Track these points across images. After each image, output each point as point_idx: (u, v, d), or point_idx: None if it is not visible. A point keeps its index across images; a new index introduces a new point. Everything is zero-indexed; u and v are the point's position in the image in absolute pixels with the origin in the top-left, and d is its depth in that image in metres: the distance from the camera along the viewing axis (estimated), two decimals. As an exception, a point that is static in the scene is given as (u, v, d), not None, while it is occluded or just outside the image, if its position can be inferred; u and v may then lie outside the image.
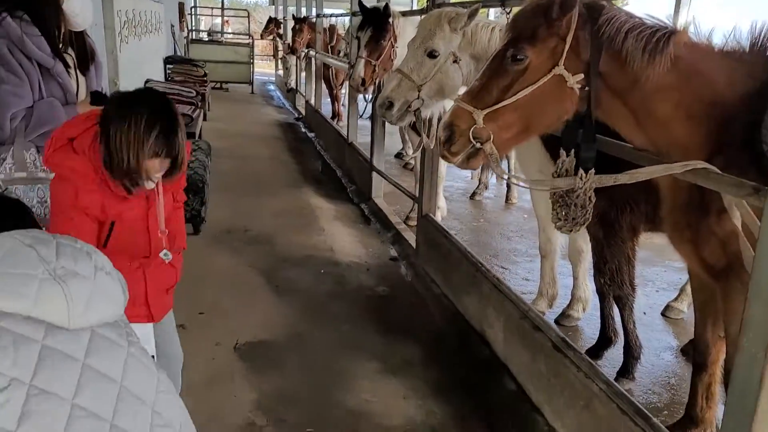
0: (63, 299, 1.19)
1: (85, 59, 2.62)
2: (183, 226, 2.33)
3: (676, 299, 3.91)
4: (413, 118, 3.59)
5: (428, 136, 3.84)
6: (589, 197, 2.09)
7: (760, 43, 1.88)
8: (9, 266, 1.18)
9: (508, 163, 6.39)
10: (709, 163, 1.82)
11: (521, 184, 2.29)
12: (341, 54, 9.73)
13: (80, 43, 2.60)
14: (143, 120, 1.77)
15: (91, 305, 1.24)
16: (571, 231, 2.18)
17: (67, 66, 2.48)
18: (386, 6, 4.91)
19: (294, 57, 12.18)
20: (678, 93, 1.91)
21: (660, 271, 4.54)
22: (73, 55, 2.57)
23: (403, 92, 3.43)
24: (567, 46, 1.93)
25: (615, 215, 2.88)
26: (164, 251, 2.08)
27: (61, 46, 2.46)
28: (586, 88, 1.98)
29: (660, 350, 3.48)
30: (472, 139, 2.04)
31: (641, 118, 1.98)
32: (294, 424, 2.76)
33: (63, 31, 2.47)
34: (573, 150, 2.10)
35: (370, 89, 5.12)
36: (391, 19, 4.88)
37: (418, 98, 3.42)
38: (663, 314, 3.88)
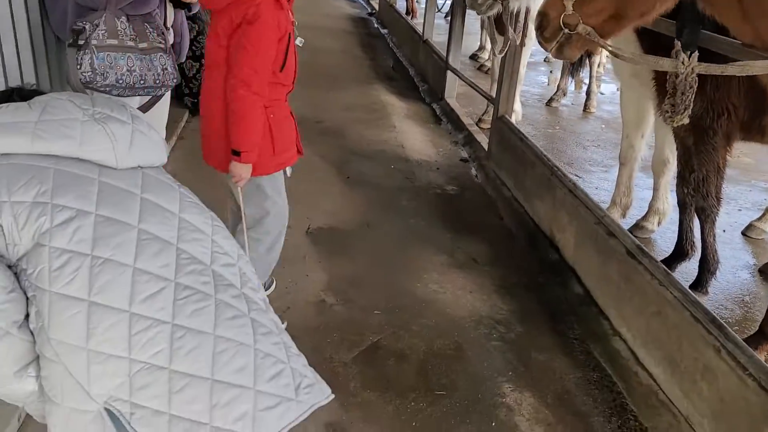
0: (106, 137, 1.27)
1: None
2: None
3: (759, 219, 3.74)
4: (500, 8, 3.42)
5: (515, 31, 3.66)
6: (690, 83, 2.02)
7: None
8: (50, 115, 1.25)
9: (591, 69, 6.09)
10: None
11: (624, 56, 2.18)
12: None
13: None
14: None
15: (135, 145, 1.32)
16: (673, 121, 2.13)
17: None
18: None
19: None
20: None
21: (745, 190, 4.32)
22: None
23: None
24: None
25: (710, 120, 2.71)
26: None
27: None
28: None
29: (737, 268, 3.37)
30: (562, 26, 2.03)
31: (749, 9, 1.84)
32: (362, 306, 2.87)
33: None
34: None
35: None
36: None
37: None
38: (744, 233, 3.73)
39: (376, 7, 11.64)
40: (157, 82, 2.49)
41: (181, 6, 2.70)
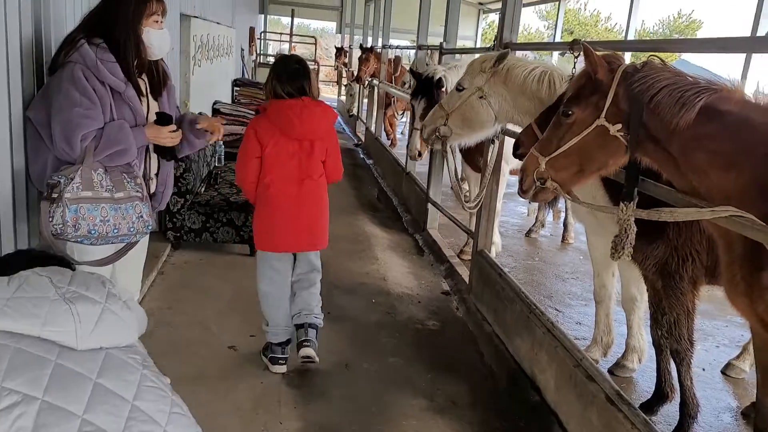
0: (70, 318, 1.28)
1: (158, 85, 2.74)
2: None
3: (737, 357, 3.74)
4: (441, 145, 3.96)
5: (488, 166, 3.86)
6: (627, 228, 2.33)
7: None
8: (24, 292, 1.28)
9: (566, 201, 6.31)
10: (763, 219, 1.83)
11: (581, 202, 2.54)
12: (405, 85, 9.88)
13: (155, 69, 2.72)
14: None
15: (101, 326, 1.32)
16: (614, 259, 2.43)
17: (139, 91, 2.59)
18: (439, 79, 5.01)
19: (358, 85, 12.44)
20: (718, 143, 2.01)
21: (721, 325, 4.35)
22: (146, 81, 2.68)
23: (435, 119, 3.86)
24: (608, 101, 2.21)
25: (676, 265, 2.81)
26: None
27: (136, 72, 2.58)
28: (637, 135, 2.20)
29: (719, 410, 3.32)
30: (535, 180, 2.44)
31: (682, 164, 2.13)
32: (338, 457, 2.77)
33: (141, 59, 2.59)
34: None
35: (425, 154, 5.37)
36: (443, 87, 4.97)
37: (444, 125, 3.80)
38: (723, 372, 3.71)
39: (362, 138, 12.19)
40: (131, 230, 2.53)
41: (165, 157, 2.80)
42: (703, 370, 3.67)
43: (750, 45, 3.33)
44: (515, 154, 3.27)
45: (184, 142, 2.78)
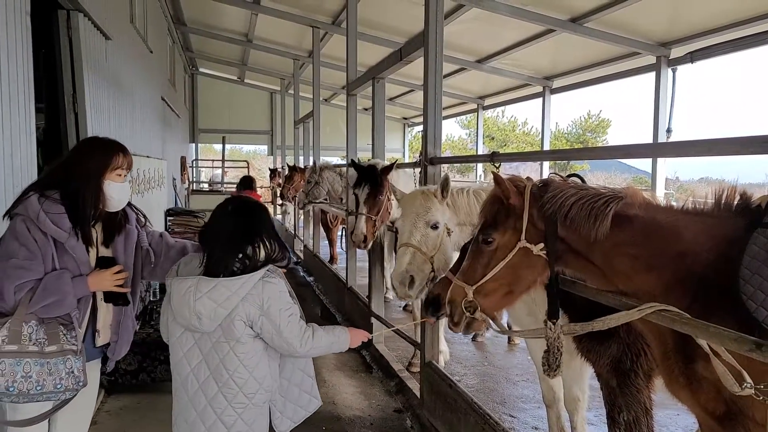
0: None
1: (112, 233, 2.69)
2: None
3: None
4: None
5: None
6: (557, 345, 2.34)
7: (724, 201, 2.01)
8: None
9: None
10: (689, 311, 1.90)
11: (504, 333, 2.55)
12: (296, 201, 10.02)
13: (110, 217, 2.68)
14: None
15: None
16: (549, 375, 2.39)
17: (87, 241, 2.55)
18: (384, 168, 5.19)
19: (290, 204, 12.79)
20: (636, 248, 2.10)
21: (673, 414, 4.37)
22: (99, 229, 2.65)
23: (419, 265, 3.61)
24: (525, 223, 2.27)
25: (630, 362, 2.82)
26: None
27: (91, 222, 2.57)
28: (555, 252, 2.25)
29: (686, 506, 3.25)
30: (464, 310, 2.38)
31: (607, 272, 2.20)
32: None
33: (98, 210, 2.59)
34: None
35: (371, 243, 5.27)
36: (389, 174, 5.12)
37: (432, 270, 3.59)
38: (683, 463, 3.68)
39: (302, 256, 12.17)
40: (58, 387, 2.39)
41: (117, 303, 2.68)
42: (663, 463, 3.62)
43: (653, 151, 3.62)
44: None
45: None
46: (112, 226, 2.71)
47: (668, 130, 6.34)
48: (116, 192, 2.61)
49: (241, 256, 2.44)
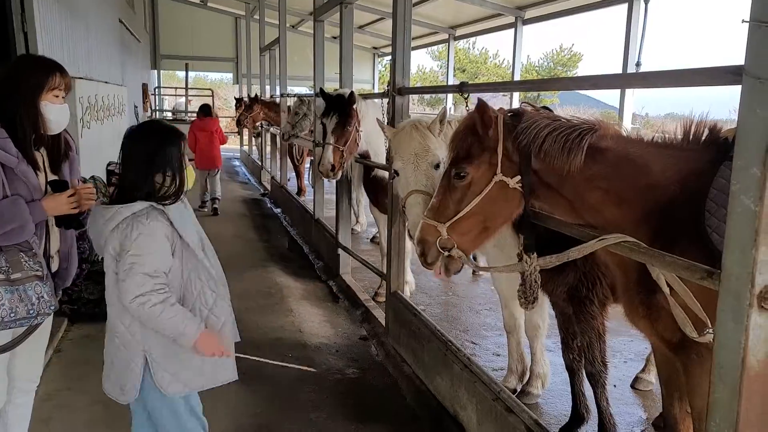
0: None
1: (57, 158, 2.62)
2: None
3: (643, 370, 3.92)
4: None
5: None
6: (535, 278, 2.34)
7: (692, 134, 2.02)
8: None
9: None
10: (654, 244, 1.92)
11: (480, 270, 2.52)
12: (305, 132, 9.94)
13: (54, 142, 2.60)
14: None
15: None
16: (526, 308, 2.42)
17: (35, 165, 2.46)
18: (351, 93, 5.06)
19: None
20: (606, 181, 2.10)
21: (626, 341, 4.57)
22: (44, 154, 2.57)
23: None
24: (500, 156, 2.20)
25: (586, 290, 2.91)
26: None
27: (33, 146, 2.47)
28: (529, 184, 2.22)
29: (632, 425, 3.45)
30: (440, 249, 2.32)
31: (577, 205, 2.19)
32: None
33: (38, 133, 2.49)
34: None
35: (339, 174, 5.18)
36: (355, 105, 5.02)
37: None
38: (632, 386, 3.88)
39: (269, 187, 12.07)
40: (31, 312, 2.37)
41: (71, 227, 2.64)
42: (615, 386, 3.81)
43: (620, 81, 3.60)
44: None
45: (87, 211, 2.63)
46: (57, 151, 2.63)
47: (637, 64, 6.33)
48: (54, 114, 2.50)
49: (153, 182, 2.26)
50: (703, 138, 2.03)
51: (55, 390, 3.71)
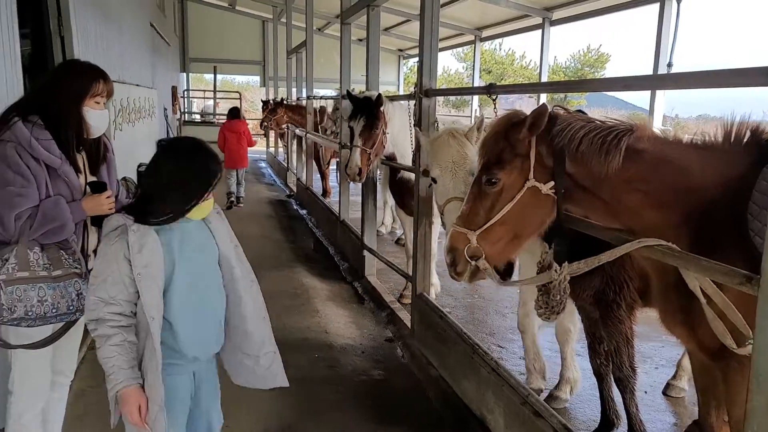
0: None
1: (96, 160, 2.70)
2: None
3: (674, 377, 3.85)
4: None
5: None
6: (564, 288, 2.25)
7: (734, 136, 1.97)
8: None
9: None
10: (694, 248, 1.88)
11: (505, 285, 2.44)
12: (328, 133, 10.02)
13: (94, 145, 2.69)
14: None
15: None
16: (549, 319, 2.34)
17: (76, 167, 2.55)
18: (378, 96, 5.07)
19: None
20: (645, 183, 2.04)
21: (657, 346, 4.49)
22: (84, 156, 2.65)
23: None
24: (533, 161, 2.14)
25: (613, 293, 2.86)
26: None
27: (74, 148, 2.55)
28: (563, 189, 2.16)
29: (664, 432, 3.40)
30: (468, 258, 2.25)
31: (614, 208, 2.13)
32: None
33: (81, 136, 2.57)
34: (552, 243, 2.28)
35: (366, 176, 5.22)
36: (382, 107, 5.03)
37: None
38: (664, 393, 3.81)
39: (294, 189, 12.15)
40: (71, 308, 2.46)
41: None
42: (645, 392, 3.75)
43: (652, 83, 3.55)
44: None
45: None
46: (97, 154, 2.71)
47: (669, 65, 6.22)
48: (94, 119, 2.58)
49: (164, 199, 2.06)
50: (745, 140, 1.97)
51: (89, 386, 3.77)
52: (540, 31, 9.56)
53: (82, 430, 3.24)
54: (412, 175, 4.68)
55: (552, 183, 2.14)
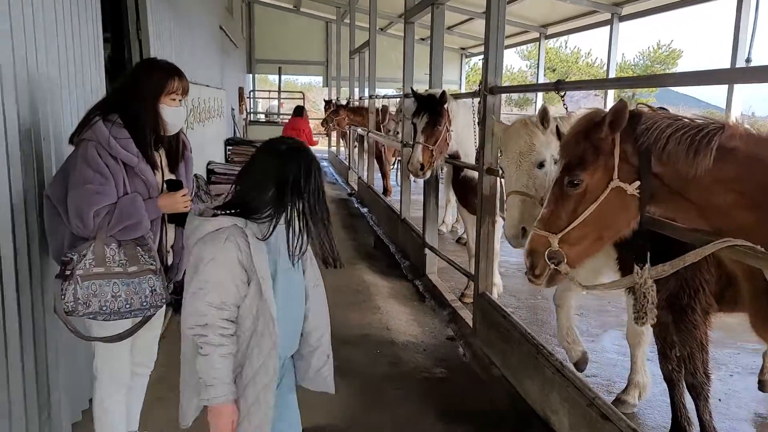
0: None
1: (175, 158, 2.76)
2: None
3: (762, 371, 3.68)
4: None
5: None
6: (647, 290, 2.20)
7: None
8: None
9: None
10: None
11: (587, 290, 2.40)
12: (391, 132, 10.07)
13: (172, 143, 2.74)
14: None
15: None
16: (642, 325, 2.24)
17: (153, 164, 2.60)
18: (443, 93, 5.07)
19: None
20: (739, 183, 1.95)
21: (733, 353, 4.30)
22: (163, 154, 2.71)
23: (530, 212, 3.38)
24: (617, 161, 2.08)
25: (688, 297, 2.76)
26: None
27: (151, 145, 2.61)
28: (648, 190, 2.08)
29: (739, 441, 3.26)
30: (548, 261, 2.22)
31: (704, 210, 2.04)
32: None
33: (158, 134, 2.62)
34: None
35: (428, 173, 5.22)
36: (446, 104, 5.02)
37: None
38: (760, 390, 3.65)
39: (356, 187, 12.28)
40: (144, 304, 2.52)
41: (181, 225, 2.69)
42: (720, 400, 3.61)
43: (730, 76, 3.40)
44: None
45: None
46: (176, 152, 2.76)
47: (747, 60, 5.93)
48: (170, 116, 2.62)
49: (265, 198, 1.98)
50: None
51: (165, 373, 3.94)
52: (608, 27, 9.31)
53: (160, 411, 3.38)
54: (476, 174, 4.66)
55: (638, 183, 2.08)
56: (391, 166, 10.92)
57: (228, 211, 1.99)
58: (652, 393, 3.63)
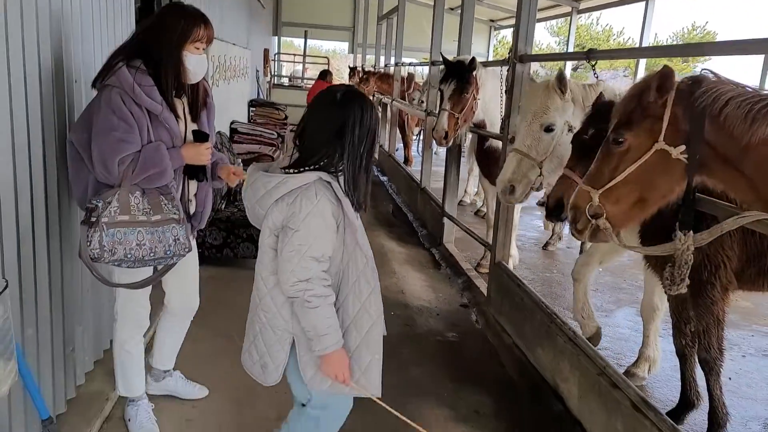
0: None
1: (196, 106, 2.73)
2: None
3: None
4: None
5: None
6: (686, 259, 2.21)
7: None
8: None
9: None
10: None
11: (631, 249, 2.43)
12: (415, 102, 10.00)
13: (195, 90, 2.71)
14: None
15: None
16: (671, 292, 2.26)
17: (176, 113, 2.58)
18: (472, 59, 5.02)
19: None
20: None
21: (746, 335, 4.30)
22: (185, 102, 2.69)
23: (525, 172, 3.44)
24: (665, 123, 2.07)
25: (708, 273, 2.75)
26: None
27: (174, 94, 2.58)
28: (697, 157, 2.06)
29: (747, 419, 3.28)
30: (589, 216, 2.26)
31: (758, 182, 1.99)
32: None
33: (179, 81, 2.58)
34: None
35: (451, 141, 5.20)
36: (475, 72, 4.98)
37: (540, 175, 3.45)
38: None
39: (377, 155, 12.27)
40: (168, 252, 2.55)
41: (195, 177, 2.77)
42: (729, 378, 3.62)
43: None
44: (550, 217, 3.02)
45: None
46: (196, 100, 2.73)
47: (785, 42, 5.78)
48: (193, 64, 2.56)
49: (334, 152, 1.99)
50: None
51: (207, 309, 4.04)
52: (644, 3, 9.09)
53: (178, 360, 3.47)
54: (500, 144, 4.64)
55: (683, 147, 2.07)
56: (414, 136, 10.88)
57: (307, 167, 1.99)
58: (662, 368, 3.66)
